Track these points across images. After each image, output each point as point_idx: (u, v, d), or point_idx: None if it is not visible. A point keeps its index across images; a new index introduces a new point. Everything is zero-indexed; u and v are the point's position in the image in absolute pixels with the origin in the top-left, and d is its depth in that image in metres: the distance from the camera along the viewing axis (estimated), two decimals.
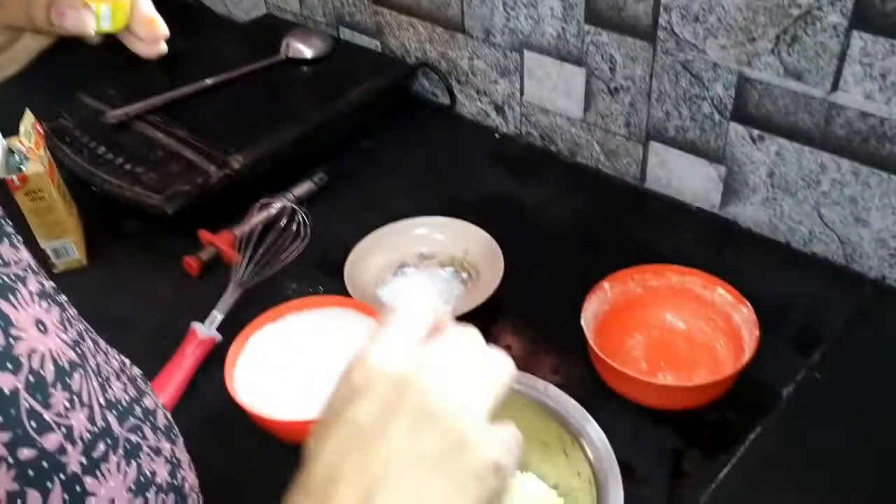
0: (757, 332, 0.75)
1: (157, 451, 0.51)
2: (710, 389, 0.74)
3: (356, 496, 0.36)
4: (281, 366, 0.77)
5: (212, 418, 0.79)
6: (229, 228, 0.98)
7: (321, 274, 0.95)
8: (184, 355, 0.82)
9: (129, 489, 0.45)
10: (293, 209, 0.97)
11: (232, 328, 0.83)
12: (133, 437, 0.48)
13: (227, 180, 0.99)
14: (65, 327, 0.45)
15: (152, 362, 0.83)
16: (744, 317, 0.78)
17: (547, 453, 0.67)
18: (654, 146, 1.00)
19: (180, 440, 0.57)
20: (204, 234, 0.97)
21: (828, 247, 0.91)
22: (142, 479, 0.47)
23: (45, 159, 0.94)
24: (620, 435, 0.75)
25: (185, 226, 0.98)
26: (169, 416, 0.57)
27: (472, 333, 0.42)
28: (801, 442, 0.74)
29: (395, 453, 0.37)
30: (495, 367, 0.41)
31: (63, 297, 0.48)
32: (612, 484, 0.58)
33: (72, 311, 0.48)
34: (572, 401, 0.64)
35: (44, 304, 0.43)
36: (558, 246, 0.98)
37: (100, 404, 0.45)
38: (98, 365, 0.48)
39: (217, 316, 0.87)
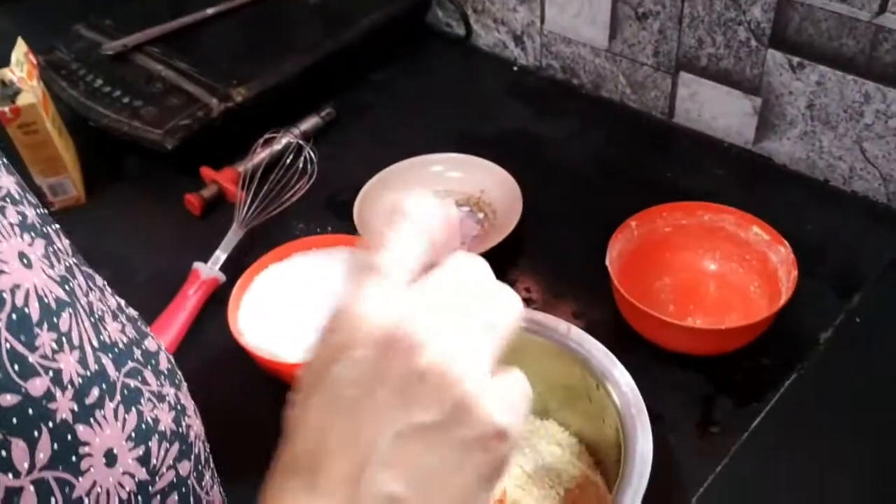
0: (795, 273, 0.70)
1: (160, 397, 0.47)
2: (744, 333, 0.69)
3: (346, 472, 0.31)
4: (286, 307, 0.73)
5: (215, 361, 0.75)
6: (232, 165, 0.93)
7: (330, 213, 0.90)
8: (186, 296, 0.78)
9: (129, 438, 0.42)
10: (299, 145, 0.92)
11: (235, 269, 0.79)
12: (132, 382, 0.44)
13: (229, 114, 0.94)
14: (51, 262, 0.41)
15: (153, 304, 0.80)
16: (781, 256, 0.73)
17: (569, 399, 0.63)
18: (685, 77, 0.93)
19: (184, 385, 0.53)
20: (206, 171, 0.92)
21: (869, 184, 0.85)
22: (143, 426, 0.43)
23: (38, 91, 0.89)
24: (647, 381, 0.70)
25: (186, 162, 0.93)
26: (172, 359, 0.53)
27: (478, 265, 0.35)
28: (838, 389, 0.70)
29: (386, 421, 0.31)
30: (501, 307, 0.34)
31: (52, 228, 0.44)
32: (640, 430, 0.54)
33: (60, 244, 0.44)
34: (597, 343, 0.60)
35: (26, 236, 0.39)
36: (580, 185, 0.93)
37: (92, 346, 0.42)
38: (90, 303, 0.44)
39: (220, 256, 0.82)
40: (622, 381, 0.57)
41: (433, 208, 0.34)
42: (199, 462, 0.50)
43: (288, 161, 0.90)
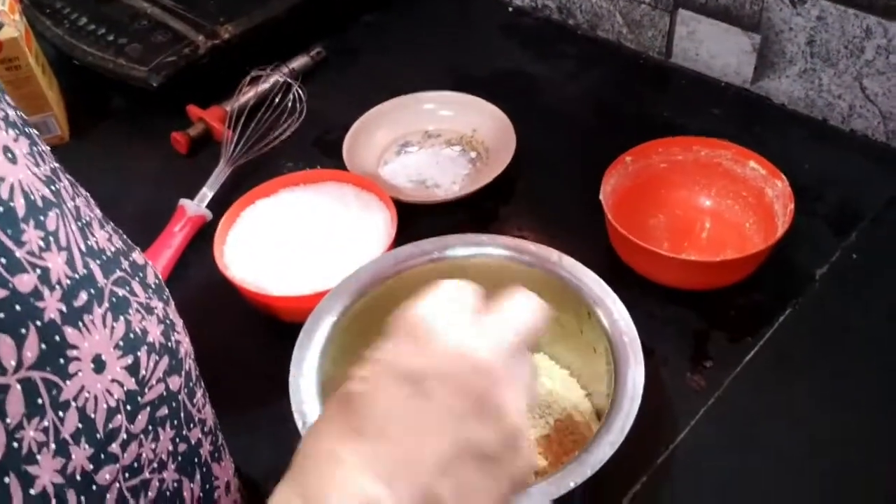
0: (792, 206, 0.68)
1: (149, 309, 0.46)
2: (739, 267, 0.68)
3: (402, 455, 0.35)
4: (273, 242, 0.71)
5: (202, 298, 0.74)
6: (219, 103, 0.91)
7: (318, 152, 0.89)
8: (171, 233, 0.77)
9: (117, 346, 0.41)
10: (287, 83, 0.90)
11: (222, 207, 0.77)
12: (120, 291, 0.43)
13: (215, 52, 0.91)
14: (36, 161, 0.40)
15: (139, 241, 0.76)
16: (777, 191, 0.71)
17: (560, 332, 0.62)
18: (683, 14, 0.91)
19: (172, 303, 0.52)
20: (192, 110, 0.90)
21: (868, 123, 0.83)
22: (131, 335, 0.43)
23: (21, 25, 0.86)
24: (640, 317, 0.69)
25: (172, 100, 0.91)
26: (159, 275, 0.52)
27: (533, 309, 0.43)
28: (833, 325, 0.69)
29: (450, 429, 0.36)
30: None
31: (34, 132, 0.42)
32: (632, 357, 0.53)
33: (44, 147, 0.43)
34: (589, 272, 0.59)
35: (11, 132, 0.38)
36: (575, 125, 0.91)
37: (80, 250, 0.41)
38: (77, 208, 0.43)
39: (207, 193, 0.81)
40: (614, 309, 0.56)
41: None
42: (190, 379, 0.50)
43: (276, 100, 0.89)
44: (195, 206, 0.79)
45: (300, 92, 0.88)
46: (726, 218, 0.76)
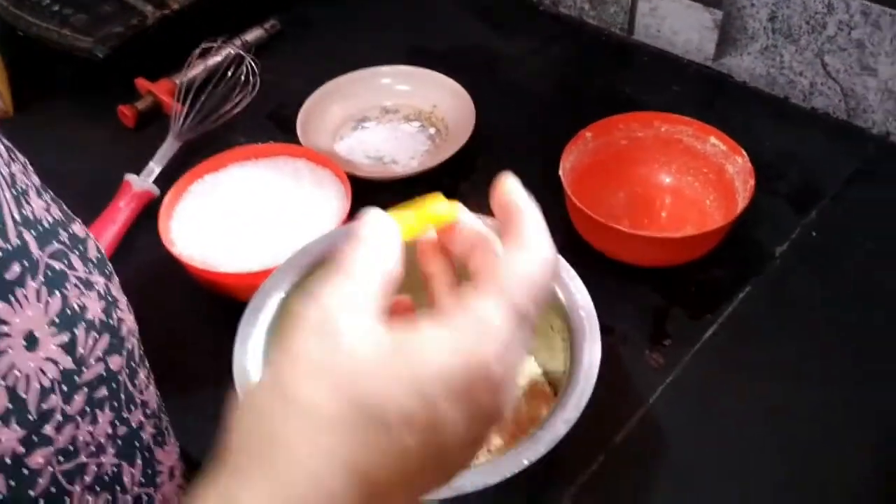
0: (752, 182, 0.67)
1: (88, 285, 0.43)
2: (698, 243, 0.67)
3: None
4: (222, 218, 0.69)
5: (148, 276, 0.72)
6: (169, 76, 0.88)
7: (272, 126, 0.86)
8: (116, 209, 0.74)
9: (53, 322, 0.39)
10: (240, 56, 0.87)
11: (171, 183, 0.74)
12: (57, 265, 0.41)
13: (164, 22, 0.88)
14: None
15: (83, 217, 0.75)
16: (738, 167, 0.70)
17: None
18: None
19: (116, 279, 0.49)
20: (141, 82, 0.87)
21: (829, 100, 0.83)
22: (68, 311, 0.40)
23: None
24: (599, 294, 0.68)
25: (119, 73, 0.87)
26: (101, 249, 0.49)
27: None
28: (793, 302, 0.68)
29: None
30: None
31: None
32: (588, 331, 0.51)
33: None
34: None
35: None
36: (537, 101, 0.89)
37: (14, 220, 0.38)
38: (13, 175, 0.40)
39: (154, 168, 0.78)
40: (570, 283, 0.54)
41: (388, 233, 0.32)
42: (133, 359, 0.47)
43: (228, 73, 0.86)
44: (141, 182, 0.76)
45: (253, 65, 0.85)
46: (687, 195, 0.75)
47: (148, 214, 0.76)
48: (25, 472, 0.36)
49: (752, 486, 0.56)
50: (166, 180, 0.77)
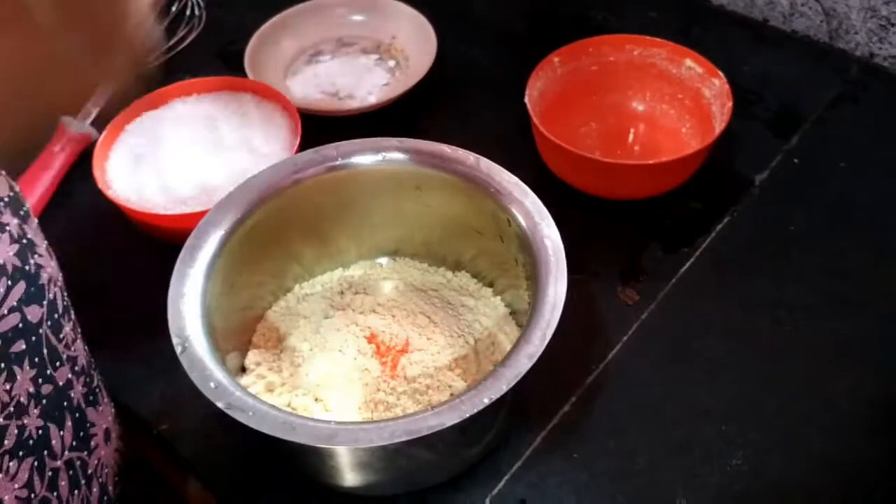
0: (730, 104, 0.63)
1: None
2: (674, 170, 0.63)
3: None
4: (162, 158, 0.64)
5: (86, 223, 0.67)
6: None
7: (221, 64, 0.80)
8: (51, 154, 0.69)
9: None
10: None
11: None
12: None
13: None
14: None
15: (17, 162, 0.70)
16: (715, 90, 0.66)
17: (481, 245, 0.57)
18: None
19: (34, 220, 0.45)
20: None
21: (811, 21, 0.78)
22: None
23: None
24: (571, 230, 0.64)
25: None
26: (17, 188, 0.44)
27: None
28: (773, 231, 0.64)
29: None
30: None
31: None
32: (553, 263, 0.47)
33: None
34: (508, 173, 0.53)
35: None
36: (504, 31, 0.84)
37: None
38: None
39: (91, 110, 0.72)
40: (534, 211, 0.50)
41: None
42: (55, 310, 0.43)
43: (172, 7, 0.80)
44: (78, 124, 0.70)
45: None
46: (662, 124, 0.71)
47: (87, 159, 0.70)
48: None
49: (733, 424, 0.53)
50: (107, 122, 0.72)
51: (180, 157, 0.63)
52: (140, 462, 0.54)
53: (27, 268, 0.41)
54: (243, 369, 0.55)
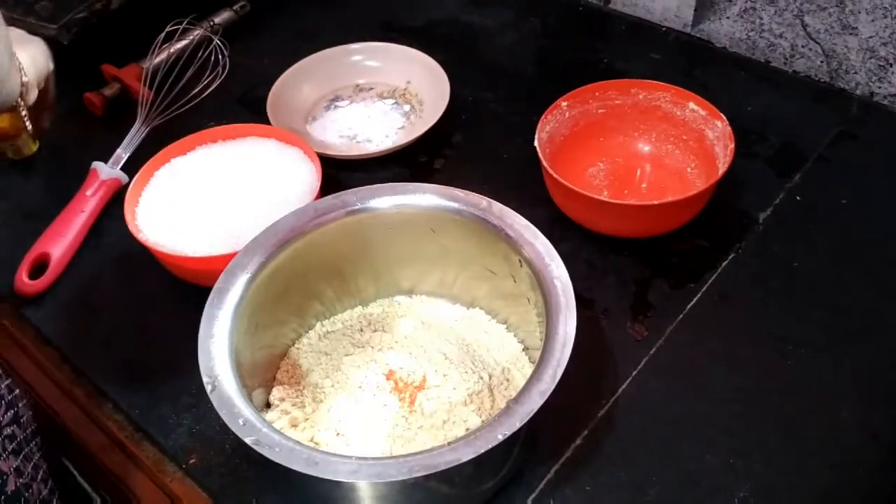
0: (732, 146, 0.66)
1: None
2: (680, 210, 0.66)
3: None
4: (190, 202, 0.67)
5: (118, 265, 0.70)
6: (136, 62, 0.85)
7: (243, 110, 0.84)
8: (84, 197, 0.72)
9: None
10: (208, 38, 0.85)
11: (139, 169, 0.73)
12: None
13: (129, 6, 0.86)
14: None
15: (51, 207, 0.74)
16: (718, 132, 0.69)
17: (494, 281, 0.59)
18: None
19: None
20: (107, 69, 0.85)
21: (811, 62, 0.81)
22: None
23: None
24: (580, 267, 0.67)
25: (86, 59, 0.85)
26: None
27: None
28: (777, 268, 0.66)
29: None
30: None
31: None
32: (564, 304, 0.50)
33: None
34: (519, 217, 0.55)
35: None
36: (513, 75, 0.87)
37: None
38: None
39: (122, 155, 0.76)
40: (545, 253, 0.53)
41: None
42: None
43: (197, 56, 0.83)
44: (109, 170, 0.74)
45: (221, 46, 0.83)
46: (667, 163, 0.73)
47: (118, 202, 0.74)
48: None
49: (741, 457, 0.55)
50: (135, 167, 0.75)
51: (207, 202, 0.66)
52: (169, 496, 0.57)
53: None
54: (268, 405, 0.57)
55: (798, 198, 0.71)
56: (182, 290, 0.66)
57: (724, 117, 0.68)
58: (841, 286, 0.64)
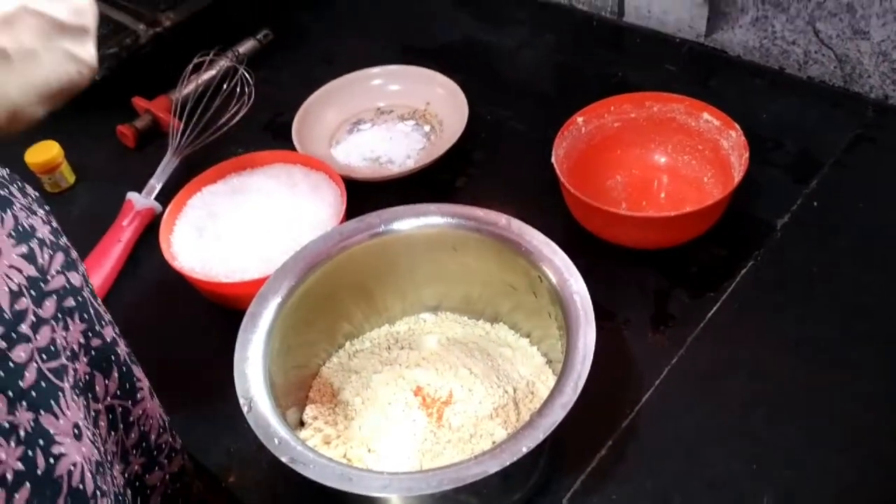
0: (747, 155, 0.67)
1: (31, 210, 0.47)
2: (697, 220, 0.67)
3: None
4: (222, 229, 0.70)
5: (154, 293, 0.73)
6: (166, 93, 0.89)
7: (270, 137, 0.87)
8: (120, 228, 0.75)
9: (10, 235, 0.43)
10: (234, 67, 0.88)
11: (173, 198, 0.75)
12: (1, 192, 0.45)
13: (158, 40, 0.89)
14: None
15: (88, 238, 0.77)
16: (732, 141, 0.70)
17: (517, 299, 0.61)
18: None
19: (53, 219, 0.51)
20: (138, 101, 0.88)
21: (825, 68, 0.82)
22: (20, 228, 0.45)
23: None
24: (600, 279, 0.68)
25: (117, 93, 0.89)
26: (36, 192, 0.51)
27: None
28: (796, 274, 0.67)
29: None
30: None
31: None
32: (583, 318, 0.51)
33: None
34: (538, 233, 0.57)
35: None
36: (530, 91, 0.89)
37: None
38: None
39: (155, 185, 0.79)
40: (564, 268, 0.54)
41: None
42: (89, 283, 0.50)
43: (224, 86, 0.86)
44: (143, 200, 0.77)
45: (247, 76, 0.86)
46: (684, 174, 0.75)
47: (152, 231, 0.77)
48: (11, 364, 0.39)
49: (764, 463, 0.56)
50: (168, 196, 0.78)
51: (238, 229, 0.69)
52: None
53: (61, 243, 0.48)
54: (301, 423, 0.59)
55: (815, 204, 0.72)
56: (217, 314, 0.69)
57: (738, 127, 0.69)
58: (860, 290, 0.65)
